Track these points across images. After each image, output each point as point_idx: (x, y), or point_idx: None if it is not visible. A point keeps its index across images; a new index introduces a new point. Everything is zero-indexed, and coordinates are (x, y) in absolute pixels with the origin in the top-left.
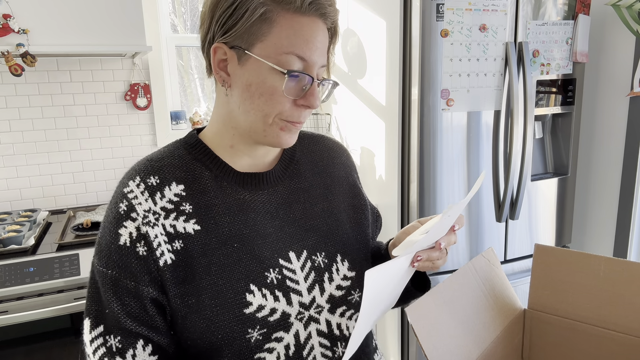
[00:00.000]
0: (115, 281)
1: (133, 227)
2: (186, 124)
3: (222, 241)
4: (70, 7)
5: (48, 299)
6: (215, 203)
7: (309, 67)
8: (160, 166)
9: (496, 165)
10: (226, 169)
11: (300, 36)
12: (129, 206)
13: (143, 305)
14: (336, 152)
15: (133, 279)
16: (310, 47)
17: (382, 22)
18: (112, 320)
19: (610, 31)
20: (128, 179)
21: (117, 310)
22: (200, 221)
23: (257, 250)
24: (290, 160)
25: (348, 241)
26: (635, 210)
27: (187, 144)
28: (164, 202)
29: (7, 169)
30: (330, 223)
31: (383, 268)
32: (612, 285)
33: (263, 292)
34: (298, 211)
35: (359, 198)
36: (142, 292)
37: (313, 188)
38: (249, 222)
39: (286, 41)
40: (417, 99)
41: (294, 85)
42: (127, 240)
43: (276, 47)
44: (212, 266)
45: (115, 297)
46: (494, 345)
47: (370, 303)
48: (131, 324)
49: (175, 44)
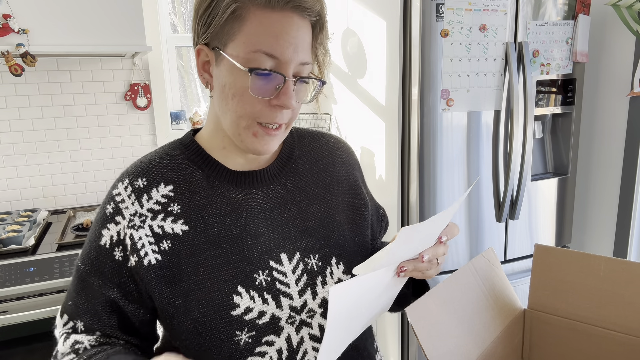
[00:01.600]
0: (85, 277)
1: (115, 231)
2: (186, 124)
3: (211, 242)
4: (70, 7)
5: (48, 299)
6: (205, 203)
7: (282, 65)
8: (150, 167)
9: (496, 165)
10: (219, 168)
11: (270, 33)
12: (115, 209)
13: (102, 304)
14: (337, 150)
15: (101, 278)
16: (281, 44)
17: (382, 22)
18: (74, 310)
19: (610, 31)
20: (118, 181)
21: (79, 303)
22: (189, 221)
23: (247, 251)
24: (288, 158)
25: (345, 243)
26: (635, 210)
27: (182, 144)
28: (150, 203)
29: (7, 169)
30: (326, 224)
31: (351, 284)
32: (612, 285)
33: (251, 295)
34: (293, 211)
35: (360, 198)
36: (104, 292)
37: (310, 187)
38: (240, 222)
39: (254, 39)
40: (417, 99)
41: (263, 85)
42: (107, 242)
43: (245, 46)
44: (200, 267)
45: (81, 291)
46: (494, 345)
47: (338, 319)
48: (88, 318)
49: (175, 44)
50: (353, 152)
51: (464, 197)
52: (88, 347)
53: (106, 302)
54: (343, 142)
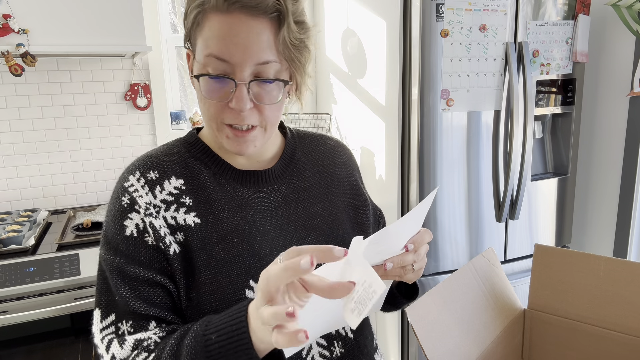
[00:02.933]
0: (123, 267)
1: (139, 219)
2: (186, 124)
3: (221, 236)
4: (70, 7)
5: (48, 299)
6: (215, 198)
7: (233, 67)
8: (160, 162)
9: (496, 165)
10: (225, 166)
11: (218, 36)
12: (131, 199)
13: (152, 289)
14: (337, 152)
15: (142, 266)
16: (228, 47)
17: (382, 22)
18: (122, 306)
19: (610, 31)
20: (128, 174)
21: (126, 294)
22: (200, 214)
23: (257, 247)
24: (291, 159)
25: (348, 241)
26: (635, 210)
27: (187, 143)
28: (164, 194)
29: (7, 169)
30: (330, 222)
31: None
32: (612, 285)
33: None
34: (298, 210)
35: (360, 198)
36: (151, 278)
37: (313, 187)
38: (249, 218)
39: (207, 43)
40: (417, 99)
41: (218, 89)
42: (134, 231)
43: (201, 51)
44: (211, 260)
45: (123, 282)
46: (494, 345)
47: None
48: (141, 306)
49: (175, 44)
50: (352, 154)
51: (428, 202)
52: (157, 340)
53: (156, 285)
54: (342, 144)
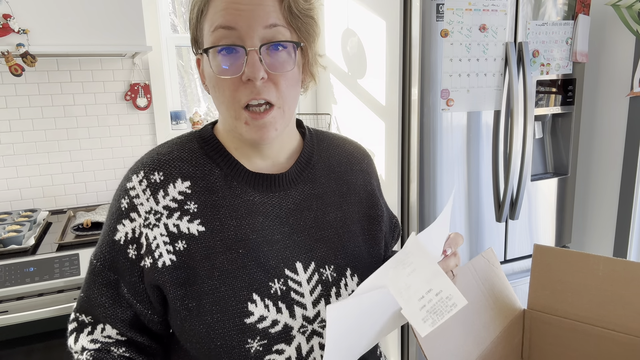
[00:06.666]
0: (99, 272)
1: (130, 228)
2: (186, 124)
3: (227, 245)
4: (70, 7)
5: (48, 299)
6: (223, 204)
7: (241, 35)
8: (168, 160)
9: (496, 165)
10: (237, 167)
11: (221, 9)
12: (130, 204)
13: (118, 295)
14: (356, 158)
15: (116, 273)
16: (232, 14)
17: (382, 22)
18: (87, 304)
19: (610, 31)
20: (132, 173)
21: (94, 296)
22: (205, 222)
23: (263, 258)
24: (307, 163)
25: (360, 255)
26: (635, 210)
27: (201, 138)
28: (167, 200)
29: (7, 169)
30: (342, 234)
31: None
32: (611, 285)
33: (266, 303)
34: (309, 219)
35: (376, 208)
36: (120, 286)
37: (327, 195)
38: (257, 227)
39: (210, 22)
40: (417, 99)
41: (228, 62)
42: (122, 238)
43: (208, 32)
44: (215, 271)
45: (94, 285)
46: (493, 345)
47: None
48: (102, 312)
49: (175, 44)
50: (372, 160)
51: (450, 205)
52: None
53: (120, 297)
54: (363, 150)
